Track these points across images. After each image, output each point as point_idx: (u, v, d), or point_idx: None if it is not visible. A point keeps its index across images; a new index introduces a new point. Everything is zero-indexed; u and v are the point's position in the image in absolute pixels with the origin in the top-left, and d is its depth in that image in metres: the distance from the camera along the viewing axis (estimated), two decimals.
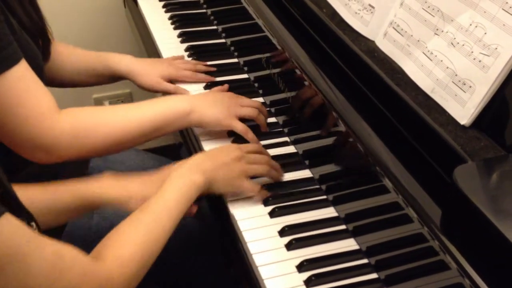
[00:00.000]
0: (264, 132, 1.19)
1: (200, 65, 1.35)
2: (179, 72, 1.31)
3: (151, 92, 1.34)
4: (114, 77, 1.31)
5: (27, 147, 0.96)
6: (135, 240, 0.85)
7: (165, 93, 1.29)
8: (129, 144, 1.06)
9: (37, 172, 1.12)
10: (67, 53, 1.26)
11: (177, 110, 1.08)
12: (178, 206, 0.92)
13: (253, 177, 1.04)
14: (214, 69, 1.35)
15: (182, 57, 1.39)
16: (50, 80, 1.23)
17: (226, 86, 1.26)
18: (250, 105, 1.17)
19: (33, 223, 0.81)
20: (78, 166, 1.25)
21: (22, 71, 0.93)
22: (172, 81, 1.32)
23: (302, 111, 1.14)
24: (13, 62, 0.92)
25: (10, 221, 0.67)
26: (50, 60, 1.19)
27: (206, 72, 1.34)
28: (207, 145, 1.16)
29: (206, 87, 1.31)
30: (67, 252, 0.74)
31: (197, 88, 1.31)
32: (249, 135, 1.13)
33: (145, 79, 1.28)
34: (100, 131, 1.01)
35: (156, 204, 0.91)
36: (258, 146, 1.09)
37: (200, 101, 1.11)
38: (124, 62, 1.28)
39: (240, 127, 1.13)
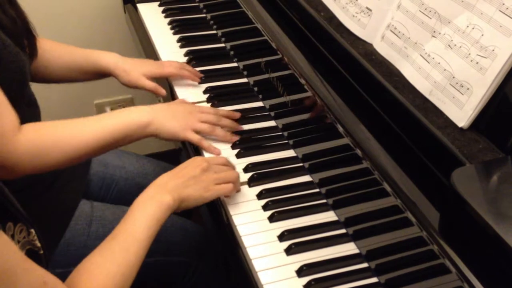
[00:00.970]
0: (263, 136, 1.19)
1: (189, 66, 1.35)
2: (162, 70, 1.31)
3: (149, 94, 1.34)
4: (99, 74, 1.31)
5: None
6: (106, 272, 0.85)
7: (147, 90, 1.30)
8: (89, 155, 1.06)
9: (32, 180, 1.11)
10: (53, 49, 1.26)
11: (136, 122, 1.09)
12: (148, 231, 0.91)
13: None
14: (201, 74, 1.35)
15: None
16: (36, 76, 1.23)
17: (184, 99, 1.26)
18: (207, 121, 1.16)
19: (32, 230, 0.80)
20: (77, 173, 1.25)
21: None
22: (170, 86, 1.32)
23: (301, 115, 1.14)
24: None
25: (3, 238, 0.67)
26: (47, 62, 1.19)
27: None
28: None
29: (205, 92, 1.31)
30: (50, 280, 0.74)
31: (198, 91, 1.31)
32: (204, 143, 1.15)
33: (127, 77, 1.28)
34: (60, 147, 1.01)
35: (125, 232, 0.90)
36: (225, 159, 1.09)
37: (159, 113, 1.12)
38: (110, 59, 1.29)
39: (195, 139, 1.14)
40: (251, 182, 1.09)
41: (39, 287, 0.71)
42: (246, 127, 1.22)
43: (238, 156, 1.15)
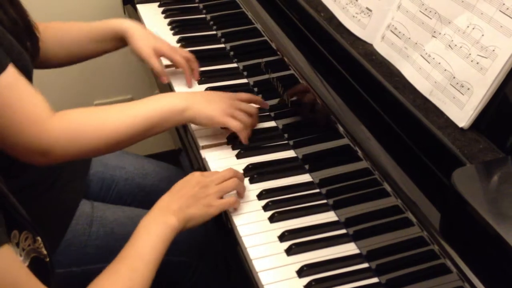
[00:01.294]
0: (264, 137, 1.19)
1: (196, 64, 1.34)
2: (174, 54, 1.31)
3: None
4: (113, 38, 1.29)
5: (24, 151, 0.96)
6: None
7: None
8: (124, 143, 1.06)
9: (33, 180, 1.12)
10: (64, 27, 1.27)
11: (172, 107, 1.09)
12: (155, 252, 0.90)
13: None
14: (198, 76, 1.35)
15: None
16: (45, 61, 1.23)
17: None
18: (246, 111, 1.16)
19: (38, 238, 0.80)
20: (77, 173, 1.25)
21: (11, 76, 0.93)
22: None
23: (301, 115, 1.14)
24: (1, 68, 0.92)
25: (9, 252, 0.67)
26: (42, 43, 1.19)
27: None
28: (206, 151, 1.16)
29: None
30: None
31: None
32: (243, 134, 1.14)
33: (140, 43, 1.27)
34: (94, 132, 1.01)
35: (132, 253, 0.90)
36: (224, 173, 1.05)
37: (196, 99, 1.11)
38: (126, 21, 1.29)
39: (234, 125, 1.13)
40: (251, 183, 1.09)
41: None
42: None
43: (239, 156, 1.15)
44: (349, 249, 0.97)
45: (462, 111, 0.81)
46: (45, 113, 0.98)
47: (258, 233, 1.00)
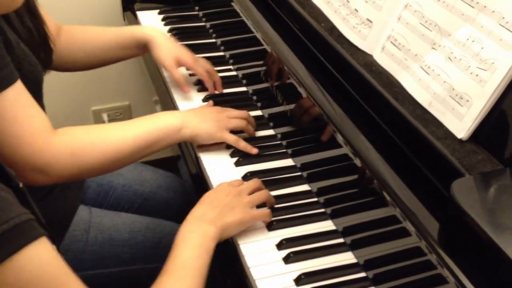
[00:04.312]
0: (262, 145, 1.19)
1: (217, 76, 1.35)
2: (196, 65, 1.32)
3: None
4: (137, 46, 1.31)
5: (24, 168, 0.96)
6: None
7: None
8: (124, 162, 1.07)
9: (30, 186, 1.11)
10: (88, 31, 1.29)
11: (169, 126, 1.10)
12: (198, 261, 0.88)
13: None
14: (221, 89, 1.35)
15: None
16: (60, 65, 1.24)
17: (210, 102, 1.27)
18: (238, 116, 1.18)
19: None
20: (74, 180, 1.25)
21: (17, 92, 0.94)
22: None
23: (301, 124, 1.15)
24: (9, 83, 0.92)
25: (48, 245, 0.68)
26: (61, 45, 1.20)
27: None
28: (205, 157, 1.17)
29: (205, 100, 1.32)
30: None
31: (197, 99, 1.32)
32: (241, 144, 1.15)
33: (163, 54, 1.29)
34: (96, 150, 1.02)
35: (175, 265, 0.88)
36: (241, 181, 1.07)
37: (190, 117, 1.13)
38: (150, 29, 1.31)
39: (231, 139, 1.15)
40: None
41: None
42: (245, 135, 1.22)
43: (237, 164, 1.15)
44: (347, 258, 0.97)
45: (461, 123, 0.82)
46: (47, 130, 0.98)
47: (256, 241, 1.00)
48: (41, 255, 0.67)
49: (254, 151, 1.16)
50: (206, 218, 0.95)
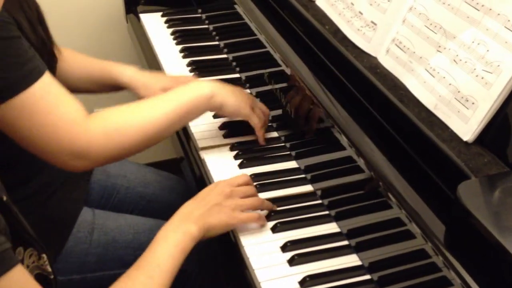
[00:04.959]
0: (266, 147, 1.19)
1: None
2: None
3: None
4: (116, 87, 1.31)
5: (62, 156, 0.97)
6: None
7: None
8: (159, 137, 1.07)
9: (35, 189, 1.12)
10: (72, 60, 1.27)
11: (199, 95, 1.10)
12: (173, 260, 0.90)
13: None
14: None
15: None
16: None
17: None
18: (262, 109, 1.20)
19: (44, 255, 0.80)
20: (79, 181, 1.25)
21: (48, 82, 0.95)
22: None
23: (304, 126, 1.15)
24: (39, 74, 0.94)
25: (23, 273, 0.67)
26: (64, 69, 1.21)
27: None
28: (209, 159, 1.17)
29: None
30: None
31: None
32: (261, 132, 1.17)
33: (146, 92, 1.28)
34: (131, 129, 1.02)
35: (149, 261, 0.89)
36: (247, 178, 1.07)
37: (220, 88, 1.13)
38: (127, 73, 1.29)
39: (256, 121, 1.17)
40: None
41: None
42: (249, 138, 1.22)
43: (241, 166, 1.15)
44: (352, 260, 0.97)
45: (467, 125, 0.82)
46: (82, 116, 0.99)
47: (260, 243, 1.00)
48: (17, 283, 0.67)
49: (263, 142, 1.18)
50: (192, 216, 0.95)
